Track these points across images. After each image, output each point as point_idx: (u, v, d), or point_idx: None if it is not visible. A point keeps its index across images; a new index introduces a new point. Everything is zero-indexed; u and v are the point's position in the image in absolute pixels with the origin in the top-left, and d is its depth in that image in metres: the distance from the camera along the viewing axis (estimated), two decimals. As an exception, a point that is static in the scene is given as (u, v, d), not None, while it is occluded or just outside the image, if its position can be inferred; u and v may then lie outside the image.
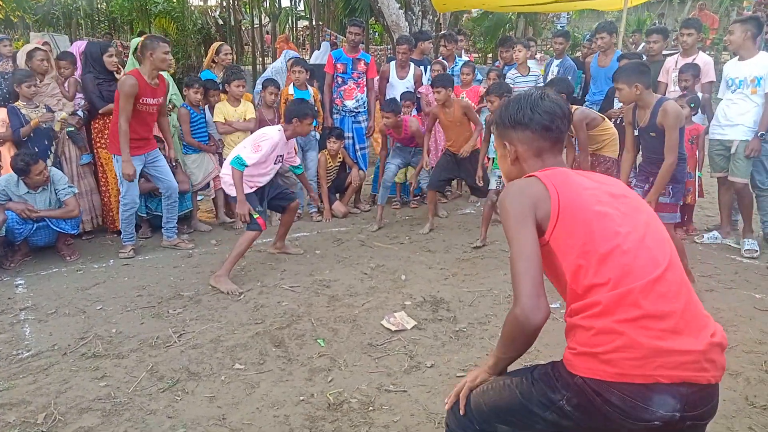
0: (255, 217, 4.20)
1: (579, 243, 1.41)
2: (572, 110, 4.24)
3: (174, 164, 5.09)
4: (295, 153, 4.76)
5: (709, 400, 1.38)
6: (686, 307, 1.37)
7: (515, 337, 1.42)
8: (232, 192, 4.25)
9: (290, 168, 4.81)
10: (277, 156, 4.39)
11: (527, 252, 1.41)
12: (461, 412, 1.59)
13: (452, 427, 1.65)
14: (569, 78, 5.80)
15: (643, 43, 8.49)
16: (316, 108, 5.51)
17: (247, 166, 4.13)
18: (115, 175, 5.09)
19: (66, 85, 5.22)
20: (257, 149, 4.17)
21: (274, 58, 10.96)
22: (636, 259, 1.39)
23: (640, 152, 4.04)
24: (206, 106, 5.59)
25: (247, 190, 4.24)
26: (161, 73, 4.75)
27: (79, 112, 5.18)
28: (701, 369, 1.33)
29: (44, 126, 4.80)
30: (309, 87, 5.84)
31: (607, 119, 4.81)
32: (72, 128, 5.12)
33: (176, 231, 5.10)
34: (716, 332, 1.40)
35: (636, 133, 3.82)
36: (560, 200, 1.45)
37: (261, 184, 4.42)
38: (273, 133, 4.30)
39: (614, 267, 1.38)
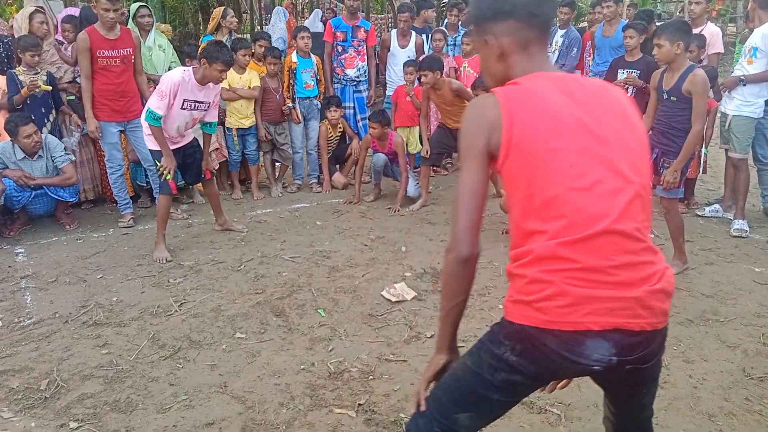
0: (167, 179, 4.10)
1: (524, 183, 1.33)
2: None
3: None
4: (216, 107, 4.39)
5: (646, 344, 1.34)
6: (629, 260, 1.30)
7: (448, 274, 1.42)
8: (151, 145, 4.13)
9: (201, 125, 4.46)
10: (184, 100, 4.04)
11: (468, 188, 1.38)
12: (422, 407, 1.49)
13: None
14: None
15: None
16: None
17: (160, 117, 3.95)
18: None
19: (69, 49, 5.13)
20: (162, 96, 3.93)
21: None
22: (580, 209, 1.29)
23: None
24: None
25: (157, 147, 4.10)
26: (133, 29, 4.76)
27: (79, 80, 5.10)
28: (634, 316, 1.29)
29: (38, 93, 4.72)
30: (312, 55, 5.74)
31: None
32: (72, 96, 5.05)
33: None
34: (661, 278, 1.34)
35: (665, 96, 3.66)
36: (512, 133, 1.33)
37: (175, 143, 4.22)
38: (174, 73, 4.05)
39: (555, 215, 1.30)
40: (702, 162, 5.00)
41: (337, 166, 6.08)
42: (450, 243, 1.38)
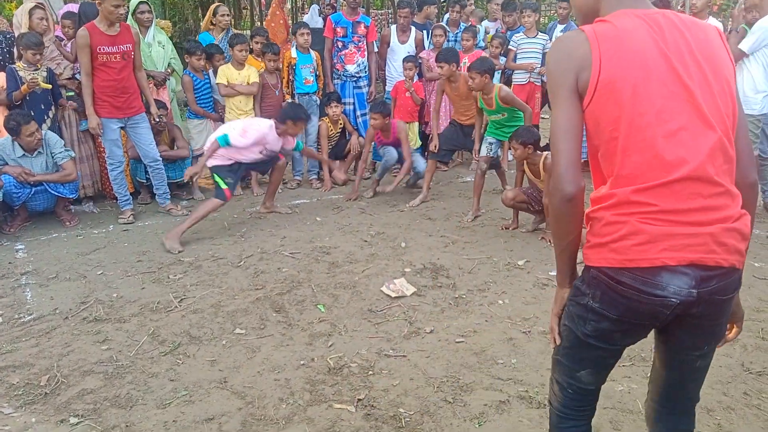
0: (223, 187, 4.39)
1: (609, 125, 1.35)
2: (544, 157, 4.19)
3: (157, 121, 5.00)
4: (293, 140, 4.91)
5: (722, 278, 1.35)
6: (706, 204, 1.32)
7: (556, 214, 1.43)
8: (212, 162, 4.46)
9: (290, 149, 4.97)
10: (263, 147, 4.59)
11: (563, 125, 1.38)
12: (557, 342, 1.55)
13: (554, 404, 1.63)
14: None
15: None
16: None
17: (229, 146, 4.39)
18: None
19: (69, 45, 5.13)
20: (244, 135, 4.40)
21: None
22: (660, 155, 1.31)
23: None
24: (210, 71, 5.53)
25: (224, 162, 4.46)
26: (133, 24, 4.81)
27: (78, 76, 5.10)
28: (709, 251, 1.31)
29: (38, 91, 4.72)
30: (311, 51, 5.74)
31: None
32: (72, 92, 5.05)
33: (168, 197, 5.07)
34: (738, 219, 1.36)
35: None
36: (601, 72, 1.33)
37: (240, 161, 4.58)
38: (264, 125, 4.56)
39: (636, 160, 1.33)
40: None
41: (337, 162, 6.06)
42: (552, 184, 1.38)
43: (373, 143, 5.57)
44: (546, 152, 4.28)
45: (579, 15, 1.55)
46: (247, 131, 4.42)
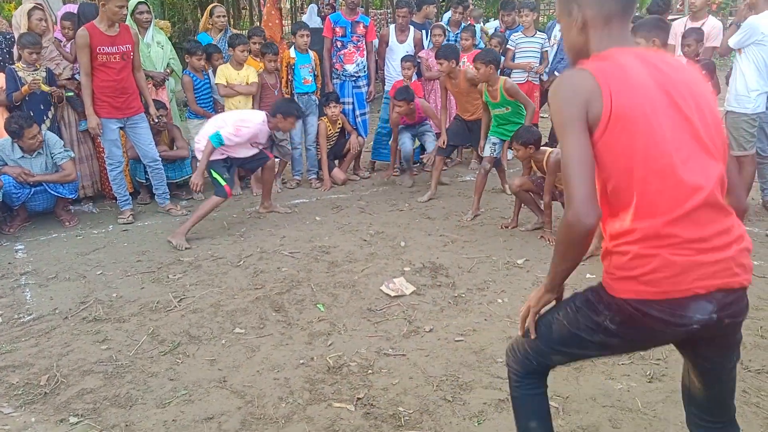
0: (222, 184, 4.41)
1: (624, 156, 1.37)
2: (548, 154, 4.18)
3: (156, 121, 4.99)
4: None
5: (740, 300, 1.44)
6: (720, 228, 1.39)
7: (568, 242, 1.42)
8: (200, 157, 4.46)
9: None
10: (255, 142, 4.64)
11: (577, 157, 1.37)
12: (532, 336, 1.62)
13: (512, 365, 1.72)
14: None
15: None
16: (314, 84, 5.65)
17: (223, 145, 4.34)
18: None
19: (69, 46, 5.13)
20: (238, 133, 4.39)
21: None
22: (680, 184, 1.36)
23: None
24: (210, 71, 5.53)
25: (217, 157, 4.44)
26: (133, 25, 4.84)
27: (78, 76, 5.10)
28: (733, 274, 1.39)
29: (38, 92, 4.73)
30: (309, 51, 5.74)
31: None
32: (71, 93, 5.05)
33: (168, 197, 5.08)
34: (743, 237, 1.44)
35: None
36: (612, 104, 1.36)
37: (232, 156, 4.59)
38: (256, 120, 4.53)
39: (655, 189, 1.36)
40: None
41: (336, 161, 6.06)
42: (571, 215, 1.36)
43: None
44: (549, 150, 4.29)
45: (570, 52, 1.59)
46: (240, 129, 4.39)
